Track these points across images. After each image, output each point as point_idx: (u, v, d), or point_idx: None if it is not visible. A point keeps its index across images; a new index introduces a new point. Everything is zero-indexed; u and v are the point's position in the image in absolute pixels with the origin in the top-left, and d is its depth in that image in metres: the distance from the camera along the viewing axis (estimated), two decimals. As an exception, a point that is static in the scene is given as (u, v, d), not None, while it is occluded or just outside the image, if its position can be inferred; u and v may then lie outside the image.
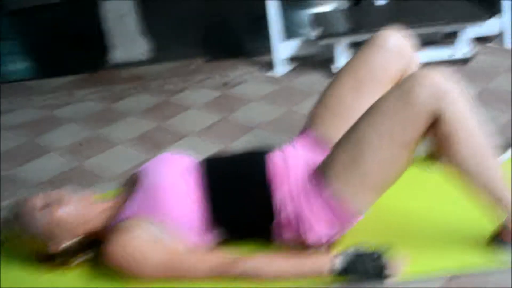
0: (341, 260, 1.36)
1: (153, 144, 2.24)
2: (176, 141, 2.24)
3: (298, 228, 1.42)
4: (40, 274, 1.53)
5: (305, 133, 1.59)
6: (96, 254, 1.51)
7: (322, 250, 1.44)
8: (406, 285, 1.36)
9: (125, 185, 1.59)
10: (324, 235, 1.41)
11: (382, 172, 1.35)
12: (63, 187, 1.56)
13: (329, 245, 1.45)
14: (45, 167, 2.18)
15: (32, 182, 2.07)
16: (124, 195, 1.54)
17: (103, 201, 1.58)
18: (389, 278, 1.36)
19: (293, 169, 1.46)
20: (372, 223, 1.55)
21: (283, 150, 1.54)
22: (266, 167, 1.47)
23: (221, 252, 1.45)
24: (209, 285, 1.40)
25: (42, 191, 1.53)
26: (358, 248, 1.39)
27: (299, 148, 1.55)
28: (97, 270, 1.51)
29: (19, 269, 1.57)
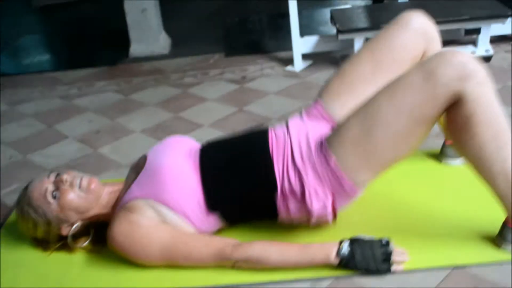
0: (348, 245, 1.35)
1: (168, 133, 2.23)
2: (191, 131, 2.24)
3: (303, 195, 1.38)
4: (45, 257, 1.54)
5: (316, 104, 1.55)
6: (103, 237, 1.51)
7: (326, 222, 1.41)
8: (409, 276, 1.33)
9: (133, 168, 1.60)
10: (329, 203, 1.38)
11: (393, 147, 1.31)
12: (73, 170, 1.56)
13: (333, 218, 1.41)
14: (62, 153, 2.21)
15: (49, 167, 2.10)
16: (131, 178, 1.55)
17: (112, 184, 1.59)
18: (396, 266, 1.34)
19: (296, 138, 1.43)
20: (374, 216, 1.55)
21: (288, 122, 1.51)
22: (266, 140, 1.45)
23: (225, 238, 1.44)
24: (214, 273, 1.40)
25: (52, 173, 1.53)
26: (364, 236, 1.38)
27: (306, 119, 1.52)
28: (103, 254, 1.51)
29: (21, 252, 1.57)
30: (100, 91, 2.81)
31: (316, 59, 2.81)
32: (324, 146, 1.37)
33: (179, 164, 1.46)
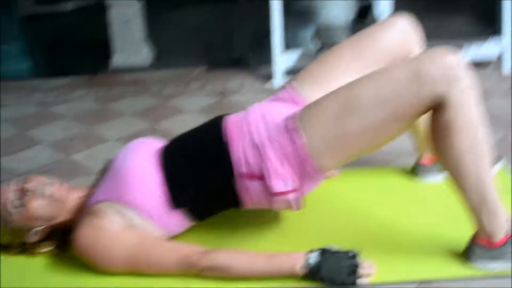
0: (315, 256, 1.32)
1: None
2: (166, 141, 2.22)
3: (263, 175, 1.34)
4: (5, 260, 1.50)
5: (288, 87, 1.52)
6: (67, 242, 1.48)
7: (291, 206, 1.38)
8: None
9: (99, 173, 1.58)
10: (290, 182, 1.35)
11: (362, 138, 1.29)
12: (38, 175, 1.53)
13: (298, 204, 1.38)
14: (33, 158, 2.17)
15: (19, 172, 2.06)
16: (97, 183, 1.52)
17: (81, 189, 1.56)
18: (362, 279, 1.32)
19: (254, 119, 1.40)
20: (344, 229, 1.53)
21: (250, 107, 1.48)
22: (219, 126, 1.43)
23: (192, 245, 1.41)
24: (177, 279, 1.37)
25: (14, 181, 1.50)
26: (332, 246, 1.36)
27: (271, 102, 1.50)
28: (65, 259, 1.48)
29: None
30: (78, 99, 2.78)
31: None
32: (291, 124, 1.33)
33: (142, 165, 1.44)
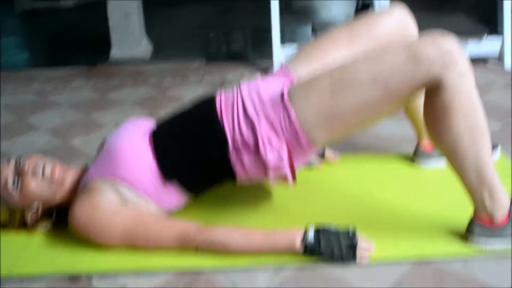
0: (315, 233, 1.32)
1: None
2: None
3: (257, 146, 1.34)
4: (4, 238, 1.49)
5: (282, 66, 1.53)
6: (65, 219, 1.47)
7: (286, 180, 1.38)
8: (372, 268, 1.30)
9: (96, 153, 1.58)
10: (284, 154, 1.34)
11: (356, 114, 1.29)
12: (36, 155, 1.52)
13: (292, 177, 1.38)
14: (32, 143, 2.17)
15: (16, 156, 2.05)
16: (93, 162, 1.52)
17: (75, 169, 1.56)
18: (360, 258, 1.31)
19: (248, 92, 1.39)
20: (343, 211, 1.53)
21: (243, 83, 1.47)
22: (213, 100, 1.43)
23: (189, 221, 1.40)
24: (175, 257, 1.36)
25: (12, 159, 1.50)
26: (331, 225, 1.35)
27: (265, 78, 1.50)
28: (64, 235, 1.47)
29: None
30: (77, 89, 2.78)
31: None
32: (285, 97, 1.34)
33: (134, 141, 1.44)
